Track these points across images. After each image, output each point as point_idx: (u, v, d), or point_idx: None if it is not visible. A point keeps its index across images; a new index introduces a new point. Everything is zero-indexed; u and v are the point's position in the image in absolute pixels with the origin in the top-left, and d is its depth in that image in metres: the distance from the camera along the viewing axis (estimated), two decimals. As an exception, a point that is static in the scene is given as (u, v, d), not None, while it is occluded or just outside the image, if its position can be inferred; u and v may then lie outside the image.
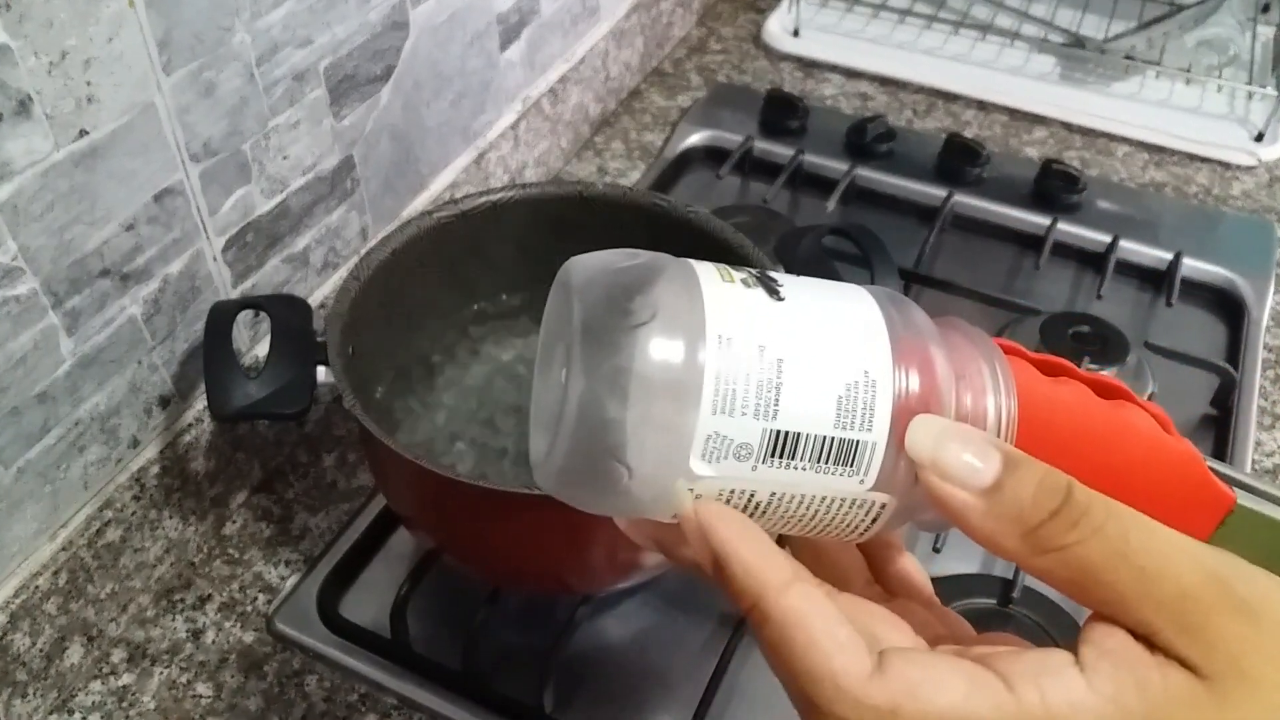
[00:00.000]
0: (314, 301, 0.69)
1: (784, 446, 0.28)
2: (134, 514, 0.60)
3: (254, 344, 0.66)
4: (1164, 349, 0.76)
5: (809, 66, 1.08)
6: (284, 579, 0.64)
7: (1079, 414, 0.30)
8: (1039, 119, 1.01)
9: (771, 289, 0.29)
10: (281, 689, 0.59)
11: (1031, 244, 0.87)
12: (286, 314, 0.59)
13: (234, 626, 0.62)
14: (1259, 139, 0.97)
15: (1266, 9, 1.08)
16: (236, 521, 0.68)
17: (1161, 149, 0.97)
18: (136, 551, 0.61)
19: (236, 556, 0.66)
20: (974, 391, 0.29)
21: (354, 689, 0.59)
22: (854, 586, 0.33)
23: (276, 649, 0.61)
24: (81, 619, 0.59)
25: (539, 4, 0.85)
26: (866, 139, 0.94)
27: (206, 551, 0.66)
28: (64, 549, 0.56)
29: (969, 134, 0.96)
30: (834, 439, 0.28)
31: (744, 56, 1.10)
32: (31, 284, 0.50)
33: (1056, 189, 0.89)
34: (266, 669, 0.60)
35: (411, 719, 0.58)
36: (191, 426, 0.62)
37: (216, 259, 0.61)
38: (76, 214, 0.51)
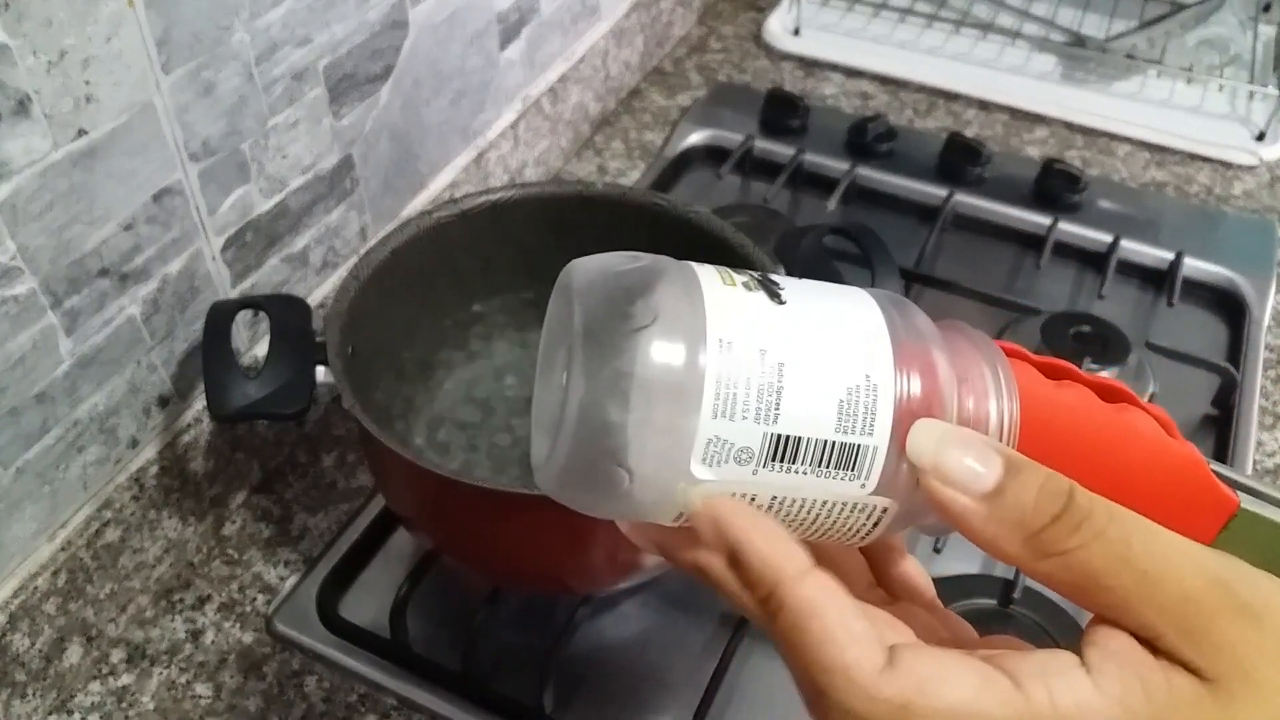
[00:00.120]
0: (313, 301, 0.68)
1: (785, 450, 0.28)
2: (133, 514, 0.60)
3: (253, 344, 0.66)
4: (1165, 349, 0.76)
5: (809, 66, 1.08)
6: (283, 579, 0.64)
7: (1082, 417, 0.30)
8: (1040, 118, 1.01)
9: (773, 292, 0.29)
10: (281, 689, 0.59)
11: (1032, 244, 0.87)
12: (286, 314, 0.59)
13: (233, 627, 0.62)
14: (1260, 138, 0.97)
15: (1267, 8, 1.08)
16: (236, 522, 0.67)
17: (1163, 148, 0.97)
18: (136, 552, 0.61)
19: (236, 557, 0.66)
20: (976, 395, 0.29)
21: (353, 689, 0.59)
22: (856, 590, 0.33)
23: (276, 649, 0.61)
24: (81, 619, 0.58)
25: (539, 3, 0.85)
26: (867, 138, 0.93)
27: (206, 552, 0.66)
28: (63, 549, 0.56)
29: (970, 133, 0.95)
30: (835, 443, 0.28)
31: (744, 55, 1.10)
32: (30, 284, 0.50)
33: (1057, 188, 0.89)
34: (266, 669, 0.60)
35: (411, 719, 0.58)
36: (190, 427, 0.62)
37: (215, 259, 0.61)
38: (75, 214, 0.51)
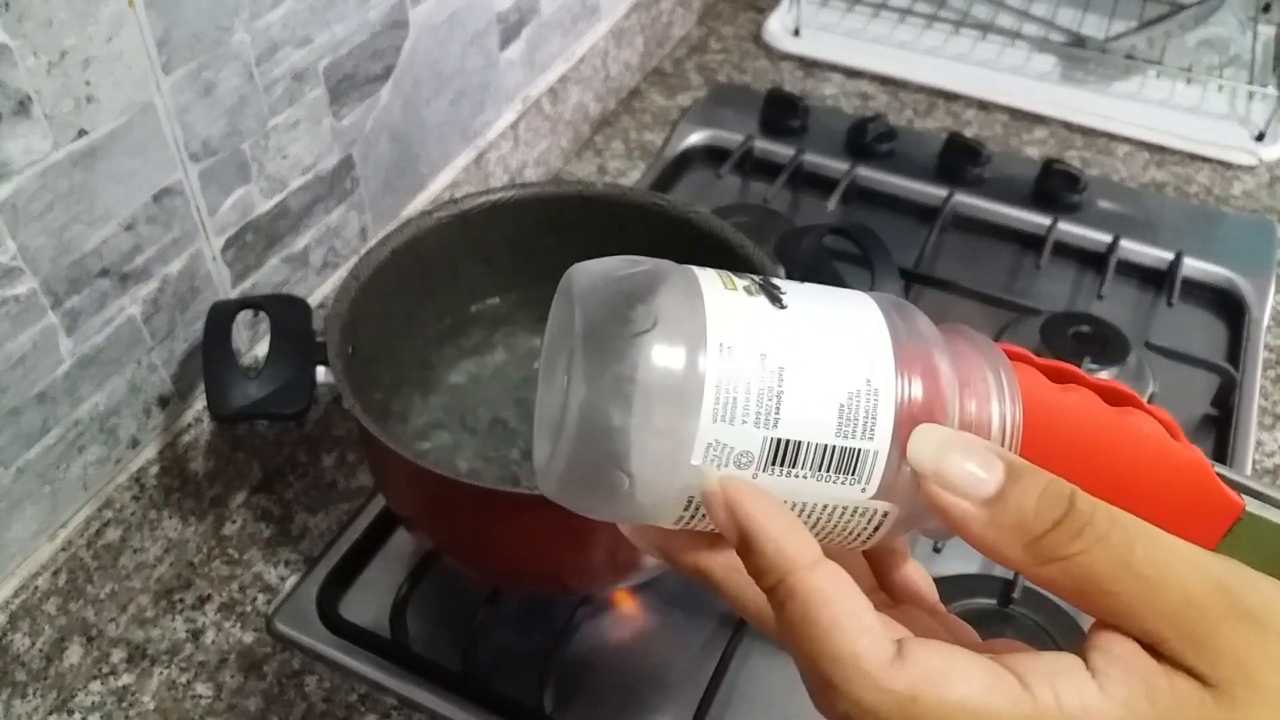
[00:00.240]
0: (314, 301, 0.68)
1: (785, 455, 0.27)
2: (133, 514, 0.60)
3: (253, 344, 0.66)
4: (1165, 349, 0.76)
5: (809, 66, 1.08)
6: (284, 579, 0.64)
7: (1085, 421, 0.30)
8: (1040, 119, 1.01)
9: (774, 296, 0.29)
10: (281, 689, 0.59)
11: (1032, 244, 0.87)
12: (286, 314, 0.59)
13: (234, 627, 0.62)
14: (1260, 139, 0.97)
15: (1267, 8, 1.08)
16: (236, 522, 0.67)
17: (1162, 149, 0.97)
18: (136, 552, 0.61)
19: (236, 557, 0.66)
20: (978, 399, 0.29)
21: (353, 689, 0.59)
22: None
23: (276, 649, 0.61)
24: (81, 619, 0.58)
25: (539, 3, 0.85)
26: (867, 138, 0.93)
27: (206, 552, 0.66)
28: (63, 549, 0.56)
29: (970, 134, 0.95)
30: (835, 447, 0.28)
31: (744, 56, 1.10)
32: (31, 284, 0.50)
33: (1057, 188, 0.89)
34: (266, 669, 0.60)
35: (411, 719, 0.58)
36: (191, 426, 0.62)
37: (216, 259, 0.61)
38: (75, 214, 0.51)
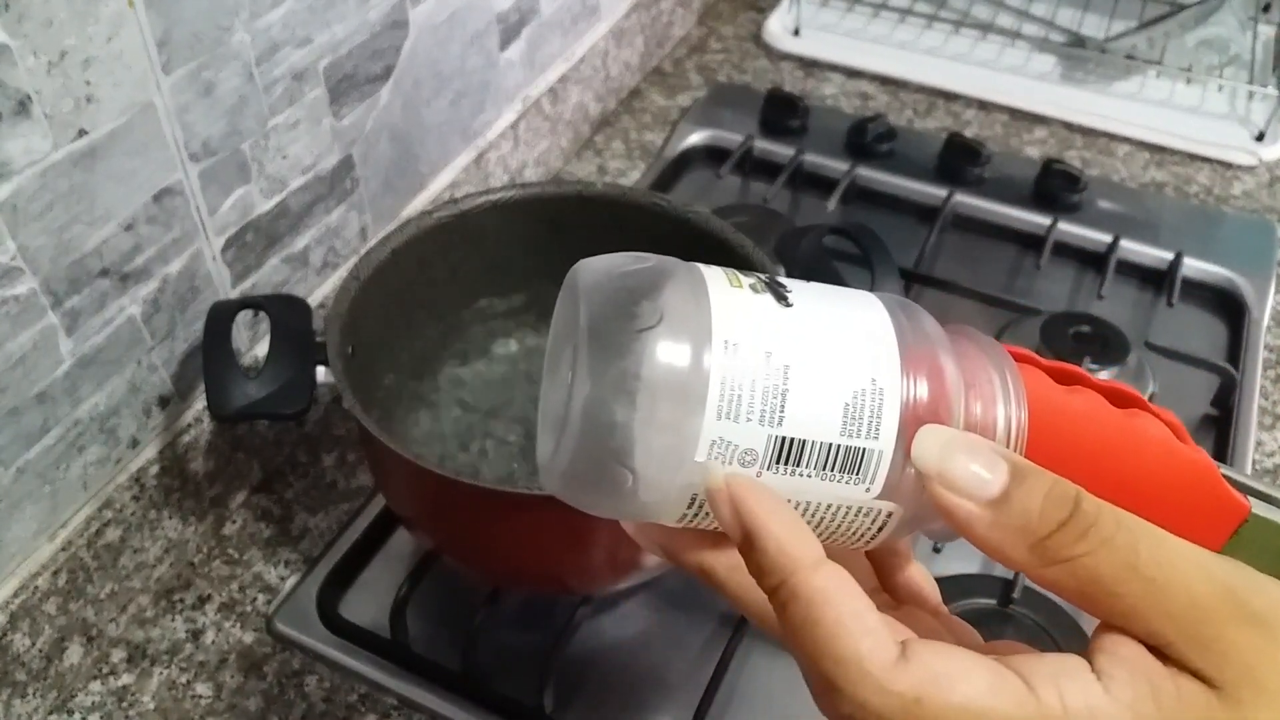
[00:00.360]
0: (314, 301, 0.68)
1: (789, 453, 0.27)
2: (133, 514, 0.60)
3: (253, 344, 0.66)
4: (1165, 349, 0.76)
5: (809, 66, 1.08)
6: (284, 579, 0.64)
7: (1091, 423, 0.30)
8: (1040, 119, 1.01)
9: (780, 295, 0.28)
10: (281, 689, 0.59)
11: (1032, 244, 0.87)
12: (286, 314, 0.59)
13: (234, 627, 0.62)
14: (1260, 139, 0.97)
15: (1267, 9, 1.08)
16: (236, 522, 0.67)
17: (1162, 149, 0.97)
18: (136, 552, 0.61)
19: (236, 557, 0.66)
20: (983, 400, 0.29)
21: (353, 689, 0.59)
22: None
23: (276, 649, 0.61)
24: (81, 619, 0.58)
25: (539, 3, 0.84)
26: (867, 138, 0.93)
27: (206, 552, 0.66)
28: (63, 549, 0.56)
29: (970, 134, 0.95)
30: (840, 446, 0.28)
31: (744, 56, 1.10)
32: (31, 284, 0.50)
33: (1057, 189, 0.89)
34: (266, 669, 0.60)
35: (411, 719, 0.58)
36: (191, 426, 0.62)
37: (216, 259, 0.61)
38: (75, 214, 0.51)
